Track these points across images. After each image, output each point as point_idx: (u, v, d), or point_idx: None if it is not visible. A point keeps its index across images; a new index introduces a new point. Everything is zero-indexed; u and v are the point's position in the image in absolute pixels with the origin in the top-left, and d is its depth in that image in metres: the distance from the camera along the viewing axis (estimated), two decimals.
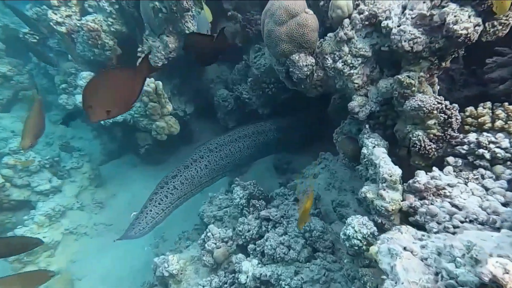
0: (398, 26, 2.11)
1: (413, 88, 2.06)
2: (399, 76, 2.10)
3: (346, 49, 2.35)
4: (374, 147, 2.14)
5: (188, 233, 4.76)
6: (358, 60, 2.35)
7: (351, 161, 2.62)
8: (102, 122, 5.39)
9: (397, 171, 1.91)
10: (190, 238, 4.63)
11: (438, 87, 2.24)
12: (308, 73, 2.47)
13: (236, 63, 5.98)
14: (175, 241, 4.76)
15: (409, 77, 2.06)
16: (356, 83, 2.38)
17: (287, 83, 2.64)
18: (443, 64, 2.11)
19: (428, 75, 2.11)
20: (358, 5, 2.29)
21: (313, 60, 2.45)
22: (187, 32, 5.02)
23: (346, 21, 2.31)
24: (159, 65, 5.12)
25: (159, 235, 5.42)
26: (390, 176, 1.88)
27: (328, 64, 2.45)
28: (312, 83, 2.52)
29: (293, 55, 2.43)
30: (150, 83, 4.80)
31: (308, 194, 2.65)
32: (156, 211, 3.94)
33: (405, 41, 2.08)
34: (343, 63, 2.38)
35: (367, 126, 2.44)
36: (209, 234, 3.38)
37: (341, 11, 2.27)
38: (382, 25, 2.18)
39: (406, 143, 2.18)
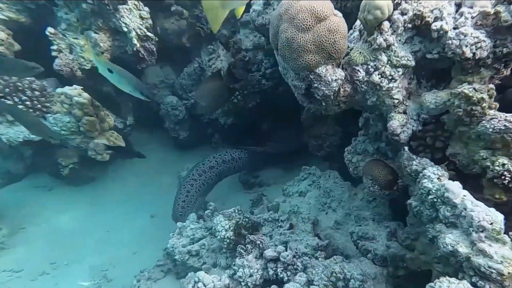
0: (455, 28, 1.75)
1: (484, 104, 1.72)
2: (464, 90, 1.74)
3: (384, 58, 1.93)
4: (438, 178, 1.77)
5: (149, 271, 3.98)
6: (398, 71, 1.94)
7: (383, 189, 2.23)
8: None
9: (499, 217, 1.55)
10: (152, 278, 3.87)
11: None
12: (337, 88, 1.99)
13: (183, 66, 5.26)
14: (132, 284, 3.92)
15: (476, 90, 1.71)
16: (396, 99, 1.98)
17: (303, 100, 2.14)
18: (505, 72, 1.80)
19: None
20: (399, 4, 1.87)
21: (343, 73, 1.98)
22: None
23: (386, 24, 1.88)
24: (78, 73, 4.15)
25: (99, 273, 4.22)
26: (491, 224, 1.51)
27: (360, 77, 2.00)
28: (337, 100, 2.05)
29: (319, 68, 1.93)
30: (83, 93, 3.86)
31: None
32: None
33: (466, 46, 1.72)
34: (380, 76, 1.95)
35: (406, 149, 2.06)
36: (199, 284, 2.74)
37: (380, 12, 1.83)
38: (433, 27, 1.80)
39: (472, 171, 1.84)
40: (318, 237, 3.14)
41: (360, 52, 2.00)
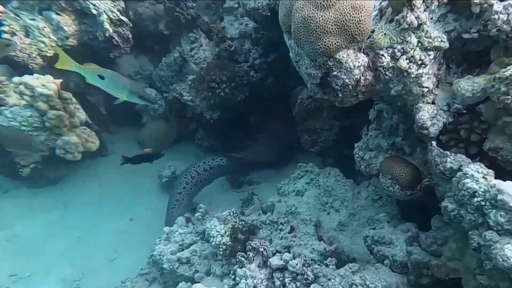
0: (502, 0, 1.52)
1: None
2: None
3: (413, 40, 1.67)
4: (484, 177, 1.54)
5: (131, 281, 3.60)
6: (429, 55, 1.70)
7: (405, 190, 1.99)
8: None
9: None
10: None
11: None
12: (358, 77, 1.73)
13: (161, 55, 4.86)
14: None
15: None
16: (426, 87, 1.74)
17: (316, 91, 1.86)
18: None
19: None
20: None
21: (366, 59, 1.71)
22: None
23: None
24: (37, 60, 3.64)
25: (71, 284, 3.71)
26: None
27: (384, 63, 1.74)
28: (356, 90, 1.78)
29: (340, 53, 1.65)
30: (49, 83, 3.38)
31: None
32: None
33: None
34: (408, 60, 1.70)
35: (434, 143, 1.82)
36: None
37: None
38: (475, 0, 1.55)
39: None
40: (321, 240, 2.91)
41: (384, 34, 1.73)
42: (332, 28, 1.62)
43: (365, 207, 2.81)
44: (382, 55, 1.74)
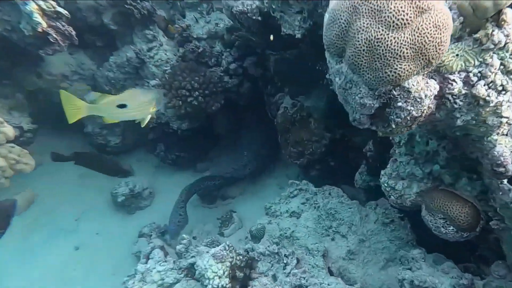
0: None
1: None
2: None
3: (496, 62, 1.40)
4: None
5: None
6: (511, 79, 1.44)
7: (462, 232, 1.75)
8: None
9: None
10: None
11: None
12: (427, 107, 1.42)
13: (103, 53, 4.16)
14: None
15: None
16: (506, 117, 1.49)
17: (365, 121, 1.50)
18: None
19: None
20: None
21: (437, 86, 1.41)
22: None
23: (510, 13, 1.34)
24: None
25: None
26: None
27: (455, 90, 1.45)
28: (414, 120, 1.48)
29: (409, 81, 1.32)
30: None
31: None
32: None
33: None
34: (487, 86, 1.43)
35: (505, 181, 1.59)
36: None
37: None
38: None
39: None
40: (330, 272, 2.61)
41: (457, 55, 1.44)
42: (406, 52, 1.27)
43: (375, 231, 2.57)
44: (453, 80, 1.45)
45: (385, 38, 1.27)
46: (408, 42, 1.27)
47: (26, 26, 2.86)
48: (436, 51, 1.31)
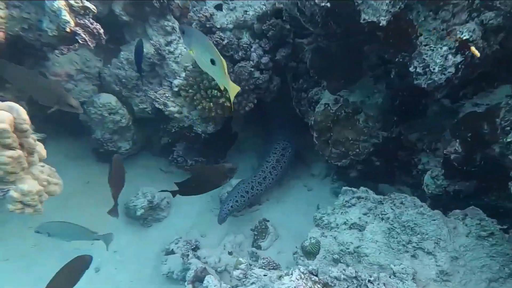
0: None
1: None
2: None
3: None
4: None
5: None
6: None
7: None
8: None
9: None
10: None
11: None
12: None
13: (113, 49, 3.70)
14: None
15: None
16: None
17: None
18: None
19: None
20: None
21: None
22: None
23: None
24: None
25: None
26: None
27: None
28: None
29: None
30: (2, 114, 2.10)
31: None
32: None
33: None
34: None
35: None
36: None
37: None
38: None
39: None
40: None
41: None
42: None
43: (470, 247, 2.28)
44: None
45: None
46: None
47: (50, 25, 2.41)
48: None
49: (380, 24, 1.90)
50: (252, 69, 3.28)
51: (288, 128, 3.99)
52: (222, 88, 2.30)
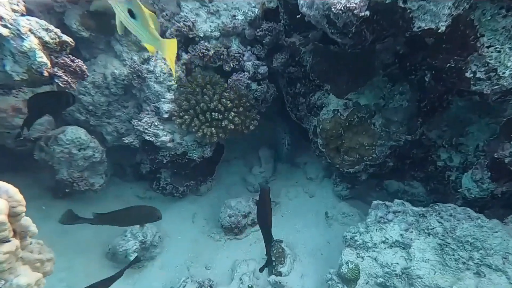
0: None
1: None
2: None
3: None
4: None
5: None
6: None
7: None
8: None
9: None
10: None
11: None
12: None
13: None
14: None
15: None
16: None
17: None
18: None
19: None
20: None
21: None
22: None
23: None
24: None
25: None
26: None
27: None
28: None
29: None
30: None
31: None
32: None
33: None
34: None
35: None
36: None
37: None
38: None
39: None
40: None
41: None
42: None
43: None
44: None
45: None
46: None
47: (16, 68, 1.78)
48: None
49: (439, 30, 1.64)
50: (249, 81, 2.89)
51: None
52: (151, 51, 1.74)
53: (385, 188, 3.49)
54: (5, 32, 1.68)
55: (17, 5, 1.74)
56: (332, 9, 1.76)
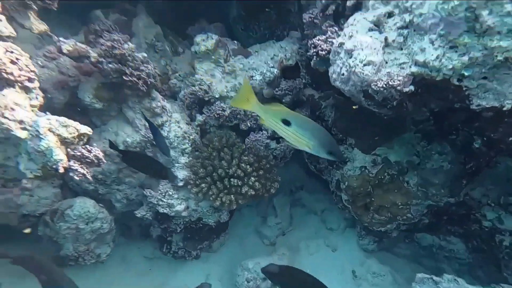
0: None
1: None
2: None
3: None
4: None
5: None
6: None
7: None
8: None
9: None
10: None
11: None
12: None
13: None
14: None
15: None
16: None
17: None
18: None
19: None
20: None
21: None
22: None
23: None
24: None
25: None
26: None
27: None
28: None
29: None
30: None
31: None
32: None
33: None
34: None
35: None
36: None
37: None
38: None
39: None
40: None
41: None
42: None
43: None
44: None
45: None
46: None
47: (31, 165, 1.61)
48: None
49: (504, 108, 1.47)
50: (268, 141, 2.71)
51: None
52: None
53: (417, 241, 3.27)
54: (23, 134, 1.55)
55: (36, 98, 1.60)
56: (372, 87, 1.60)
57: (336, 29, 2.08)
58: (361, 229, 3.45)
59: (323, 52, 2.08)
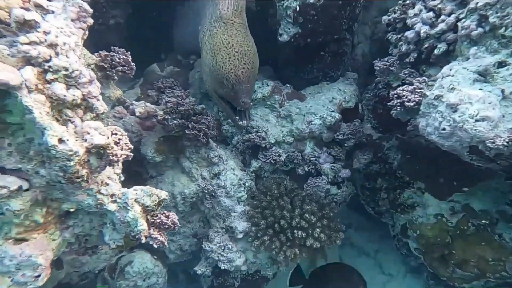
0: None
1: None
2: None
3: None
4: None
5: None
6: None
7: None
8: None
9: None
10: None
11: None
12: None
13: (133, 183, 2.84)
14: None
15: None
16: None
17: None
18: None
19: None
20: None
21: None
22: None
23: None
24: None
25: None
26: None
27: None
28: None
29: None
30: None
31: None
32: None
33: None
34: None
35: None
36: None
37: None
38: None
39: None
40: None
41: None
42: None
43: None
44: None
45: None
46: None
47: (115, 236, 1.59)
48: None
49: None
50: (328, 186, 2.53)
51: None
52: None
53: None
54: (113, 207, 1.54)
55: (118, 165, 1.60)
56: (488, 144, 1.44)
57: (426, 79, 1.94)
58: (429, 277, 3.08)
59: (411, 104, 1.92)
